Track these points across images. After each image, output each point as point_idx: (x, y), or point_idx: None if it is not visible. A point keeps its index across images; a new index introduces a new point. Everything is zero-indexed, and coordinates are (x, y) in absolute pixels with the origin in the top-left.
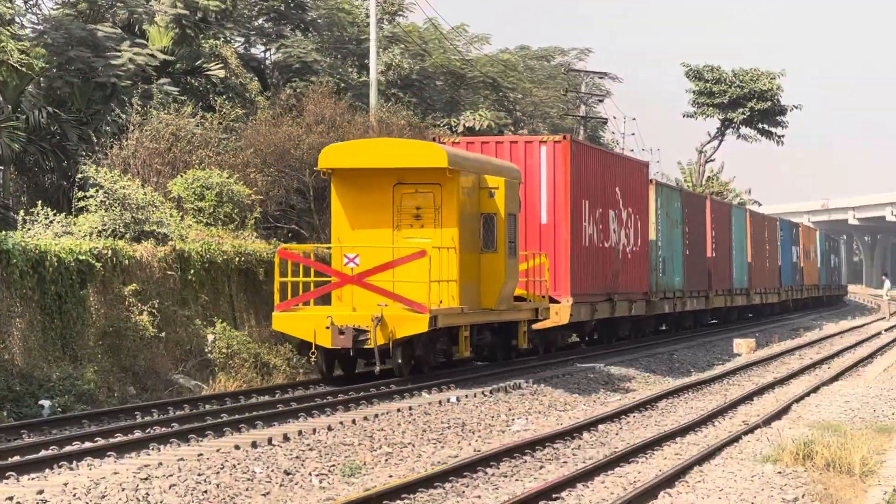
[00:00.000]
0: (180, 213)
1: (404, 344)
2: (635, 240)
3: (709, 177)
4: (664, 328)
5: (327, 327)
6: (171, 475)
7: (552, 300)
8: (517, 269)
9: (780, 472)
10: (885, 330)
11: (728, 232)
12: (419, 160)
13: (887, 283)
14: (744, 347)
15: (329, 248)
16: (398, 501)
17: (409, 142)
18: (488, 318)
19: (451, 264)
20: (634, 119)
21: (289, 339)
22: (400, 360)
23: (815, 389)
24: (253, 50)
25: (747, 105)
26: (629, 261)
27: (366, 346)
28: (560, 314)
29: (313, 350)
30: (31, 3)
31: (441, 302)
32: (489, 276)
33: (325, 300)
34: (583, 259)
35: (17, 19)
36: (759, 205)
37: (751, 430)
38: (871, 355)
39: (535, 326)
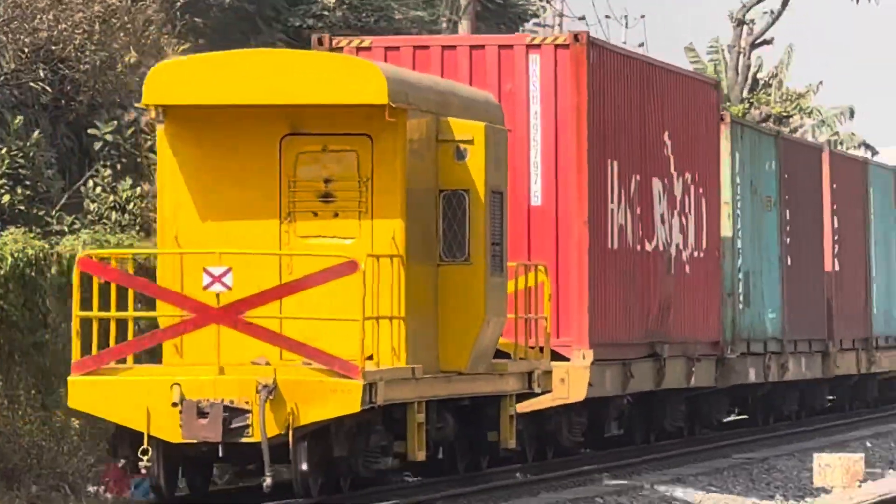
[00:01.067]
0: None
1: (314, 437)
2: (698, 236)
3: (759, 80)
4: (735, 414)
5: (174, 404)
6: None
7: (554, 355)
8: (505, 297)
9: None
10: None
11: (863, 221)
12: (333, 90)
13: None
14: (838, 475)
15: (158, 254)
16: None
17: (310, 55)
18: (459, 390)
19: (394, 287)
20: None
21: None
22: (305, 466)
23: None
24: None
25: None
26: (688, 279)
27: (244, 440)
28: (569, 383)
29: (145, 447)
30: None
31: (377, 358)
32: (457, 310)
33: (151, 352)
34: (610, 276)
35: None
36: (874, 152)
37: None
38: None
39: (524, 407)
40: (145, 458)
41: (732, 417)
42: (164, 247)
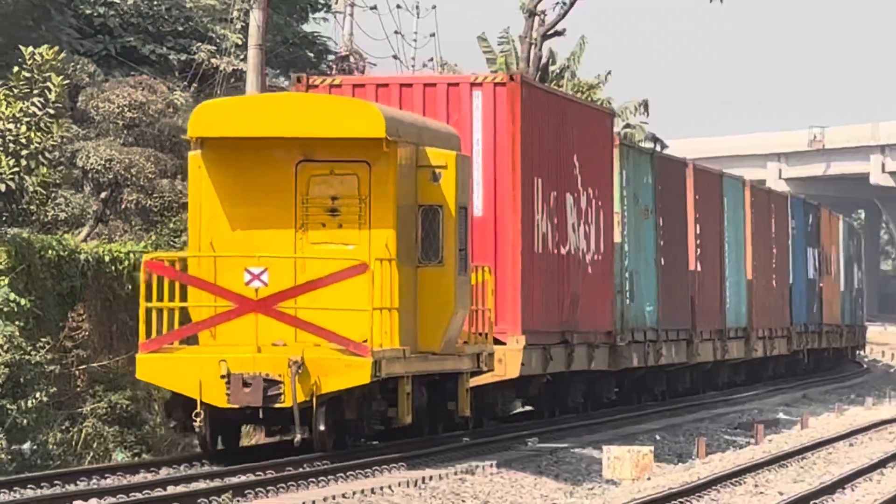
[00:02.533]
0: None
1: (330, 403)
2: (597, 242)
3: (551, 69)
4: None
5: (223, 376)
6: None
7: (495, 340)
8: (469, 292)
9: None
10: None
11: (719, 224)
12: (339, 126)
13: None
14: (627, 468)
15: (203, 257)
16: None
17: (321, 98)
18: (433, 367)
19: (389, 284)
20: None
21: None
22: (323, 427)
23: None
24: None
25: None
26: (590, 277)
27: (278, 405)
28: (506, 363)
29: (199, 411)
30: None
31: (376, 341)
32: (432, 303)
33: (190, 337)
34: (536, 275)
35: None
36: (663, 146)
37: None
38: None
39: (472, 382)
40: (198, 419)
41: (518, 410)
42: (201, 251)
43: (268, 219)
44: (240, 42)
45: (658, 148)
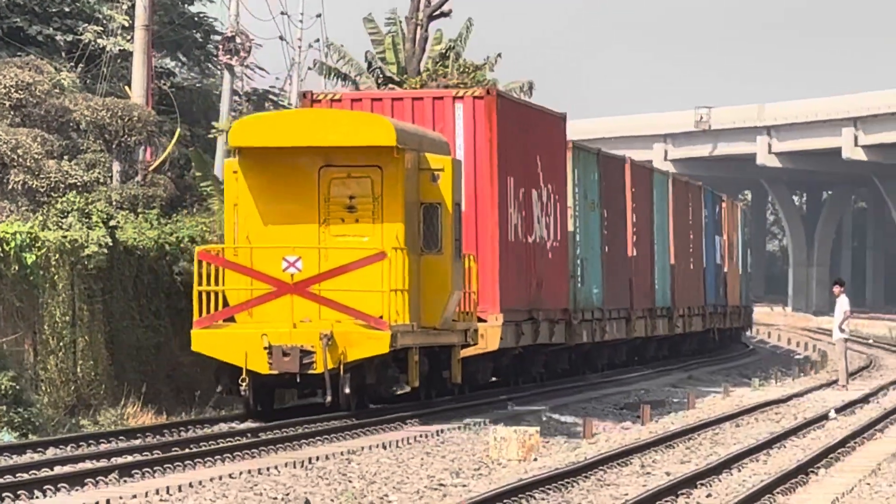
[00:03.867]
0: None
1: (354, 370)
2: (555, 231)
3: (436, 48)
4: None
5: (266, 348)
6: None
7: (478, 318)
8: (462, 277)
9: None
10: (838, 410)
11: (649, 214)
12: (356, 136)
13: (842, 303)
14: (513, 448)
15: (255, 248)
16: None
17: (341, 113)
18: (435, 340)
19: (400, 270)
20: None
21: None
22: (348, 390)
23: None
24: None
25: None
26: (550, 263)
27: (311, 371)
28: (487, 338)
29: (244, 377)
30: None
31: (395, 318)
32: (432, 285)
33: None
34: (510, 260)
35: None
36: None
37: None
38: (808, 470)
39: (462, 354)
40: (244, 384)
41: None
42: (237, 243)
43: (295, 215)
44: (126, 23)
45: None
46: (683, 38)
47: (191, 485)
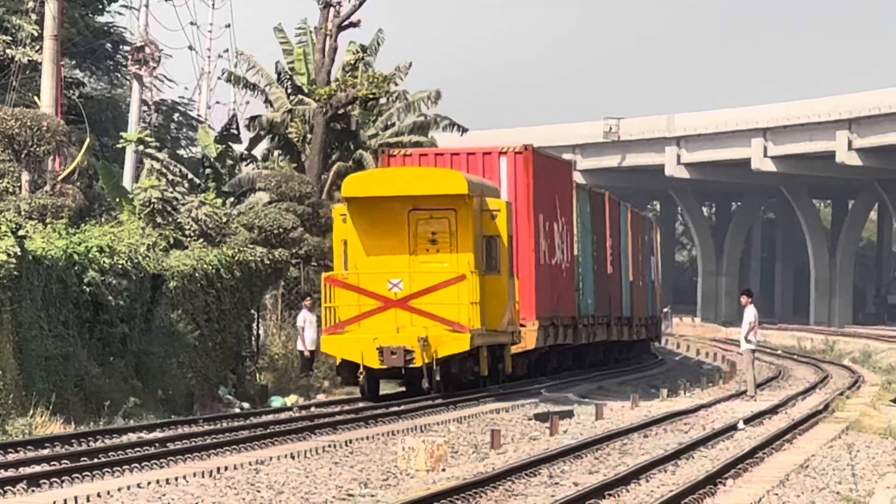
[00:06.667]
0: None
1: (443, 363)
2: (567, 254)
3: (345, 60)
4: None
5: (378, 348)
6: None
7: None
8: (515, 291)
9: None
10: (746, 421)
11: (618, 238)
12: (438, 187)
13: (749, 314)
14: (421, 459)
15: (362, 273)
16: None
17: (426, 169)
18: (496, 340)
19: (474, 287)
20: None
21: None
22: (438, 378)
23: None
24: None
25: None
26: (564, 279)
27: (412, 366)
28: (527, 339)
29: (361, 371)
30: None
31: (472, 324)
32: (494, 298)
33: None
34: (542, 279)
35: None
36: (463, 130)
37: None
38: (716, 481)
39: (512, 351)
40: (361, 376)
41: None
42: (347, 270)
43: (390, 247)
44: (36, 33)
45: (460, 134)
46: (594, 49)
47: (99, 495)
